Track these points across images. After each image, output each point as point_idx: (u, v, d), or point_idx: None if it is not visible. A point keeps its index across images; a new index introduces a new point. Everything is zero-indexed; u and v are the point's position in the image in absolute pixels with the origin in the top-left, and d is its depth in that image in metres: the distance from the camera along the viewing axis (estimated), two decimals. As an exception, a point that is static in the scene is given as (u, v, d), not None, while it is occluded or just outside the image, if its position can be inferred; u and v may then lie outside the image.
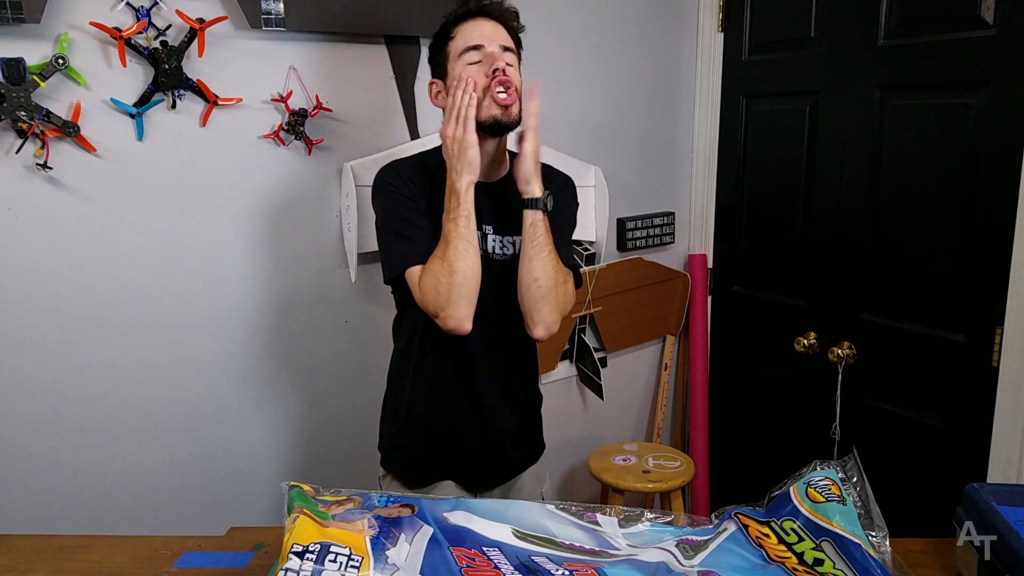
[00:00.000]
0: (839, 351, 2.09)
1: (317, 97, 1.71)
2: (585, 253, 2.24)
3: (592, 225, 2.22)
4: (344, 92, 1.76)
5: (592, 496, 2.46)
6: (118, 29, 1.45)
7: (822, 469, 1.01)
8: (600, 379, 2.37)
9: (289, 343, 1.81)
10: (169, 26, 1.52)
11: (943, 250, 1.86)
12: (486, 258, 1.36)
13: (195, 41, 1.54)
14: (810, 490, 0.98)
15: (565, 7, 2.09)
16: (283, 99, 1.67)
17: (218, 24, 1.56)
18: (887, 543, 0.93)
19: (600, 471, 2.13)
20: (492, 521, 0.95)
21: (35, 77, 1.40)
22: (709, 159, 2.46)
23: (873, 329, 2.04)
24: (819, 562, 0.90)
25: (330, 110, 1.74)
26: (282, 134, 1.69)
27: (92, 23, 1.43)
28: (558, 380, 2.37)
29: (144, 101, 1.53)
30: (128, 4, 1.46)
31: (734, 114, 2.37)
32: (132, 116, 1.52)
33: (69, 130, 1.45)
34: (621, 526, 0.99)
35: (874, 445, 2.06)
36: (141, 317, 1.62)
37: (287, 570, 0.78)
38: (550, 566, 0.87)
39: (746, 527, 0.98)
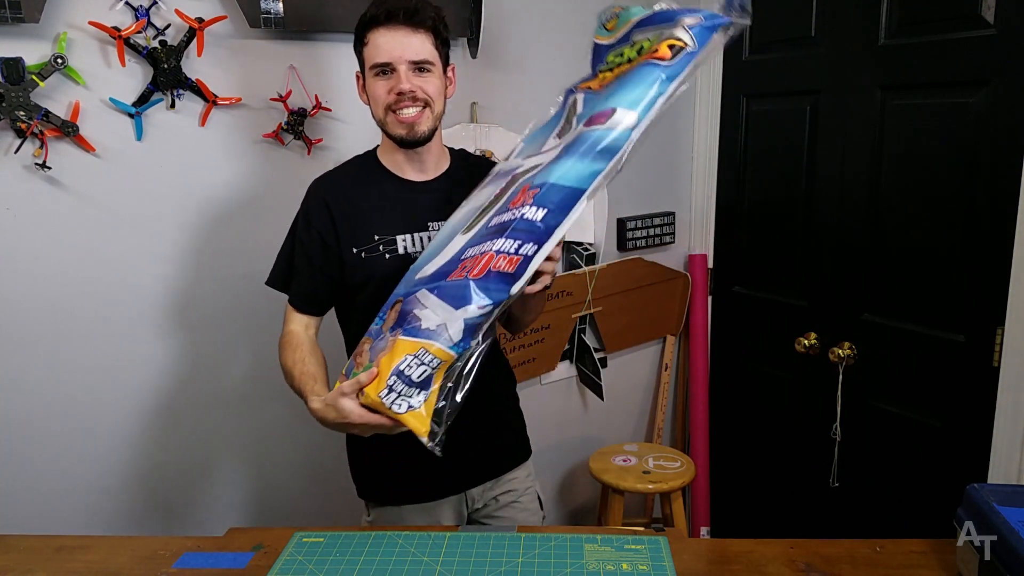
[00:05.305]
0: (840, 351, 2.08)
1: (316, 97, 1.71)
2: (585, 253, 2.24)
3: (591, 226, 2.22)
4: (344, 92, 1.75)
5: (593, 497, 2.46)
6: (117, 29, 1.45)
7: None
8: (600, 379, 2.37)
9: (288, 343, 1.81)
10: (168, 26, 1.52)
11: (943, 250, 1.86)
12: None
13: (194, 41, 1.54)
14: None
15: (564, 6, 2.09)
16: (282, 99, 1.66)
17: (217, 24, 1.56)
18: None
19: (600, 472, 2.13)
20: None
21: (34, 77, 1.40)
22: (709, 159, 2.46)
23: (873, 329, 2.04)
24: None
25: (329, 110, 1.74)
26: (282, 134, 1.69)
27: (91, 23, 1.43)
28: (558, 380, 2.37)
29: (143, 101, 1.52)
30: (127, 3, 1.46)
31: (734, 114, 2.36)
32: (131, 116, 1.52)
33: (68, 130, 1.45)
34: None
35: (874, 445, 2.06)
36: (140, 316, 1.62)
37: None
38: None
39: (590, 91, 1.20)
